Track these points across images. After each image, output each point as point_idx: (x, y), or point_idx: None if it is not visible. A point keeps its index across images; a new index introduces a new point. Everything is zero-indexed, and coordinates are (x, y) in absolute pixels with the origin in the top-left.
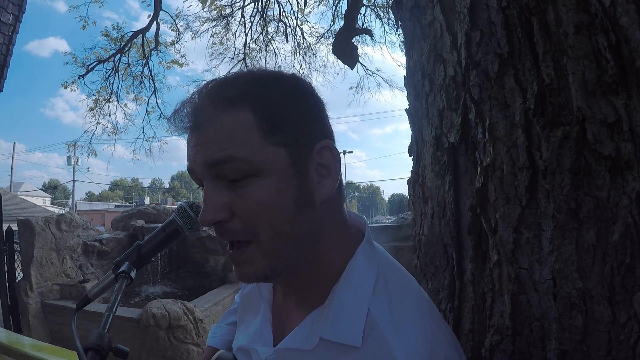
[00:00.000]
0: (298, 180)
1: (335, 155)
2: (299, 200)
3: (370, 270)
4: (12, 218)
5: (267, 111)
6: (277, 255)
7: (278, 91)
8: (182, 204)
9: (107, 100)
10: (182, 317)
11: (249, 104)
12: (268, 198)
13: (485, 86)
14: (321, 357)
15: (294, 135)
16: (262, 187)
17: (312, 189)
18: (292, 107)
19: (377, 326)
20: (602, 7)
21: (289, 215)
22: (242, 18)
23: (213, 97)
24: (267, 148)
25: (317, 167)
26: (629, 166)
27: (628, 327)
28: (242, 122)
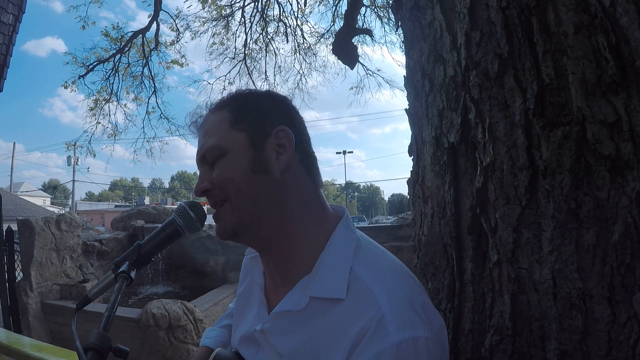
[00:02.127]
0: (253, 153)
1: (289, 136)
2: (255, 167)
3: (350, 238)
4: (12, 218)
5: (236, 109)
6: (241, 210)
7: (247, 98)
8: (182, 204)
9: (107, 100)
10: (182, 317)
11: (227, 107)
12: (230, 166)
13: (485, 86)
14: (312, 315)
15: (253, 123)
16: (228, 160)
17: (268, 161)
18: (255, 104)
19: (360, 279)
20: (602, 7)
21: (247, 177)
22: (242, 18)
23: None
24: (232, 133)
25: (276, 146)
26: (629, 166)
27: (628, 327)
28: (220, 118)
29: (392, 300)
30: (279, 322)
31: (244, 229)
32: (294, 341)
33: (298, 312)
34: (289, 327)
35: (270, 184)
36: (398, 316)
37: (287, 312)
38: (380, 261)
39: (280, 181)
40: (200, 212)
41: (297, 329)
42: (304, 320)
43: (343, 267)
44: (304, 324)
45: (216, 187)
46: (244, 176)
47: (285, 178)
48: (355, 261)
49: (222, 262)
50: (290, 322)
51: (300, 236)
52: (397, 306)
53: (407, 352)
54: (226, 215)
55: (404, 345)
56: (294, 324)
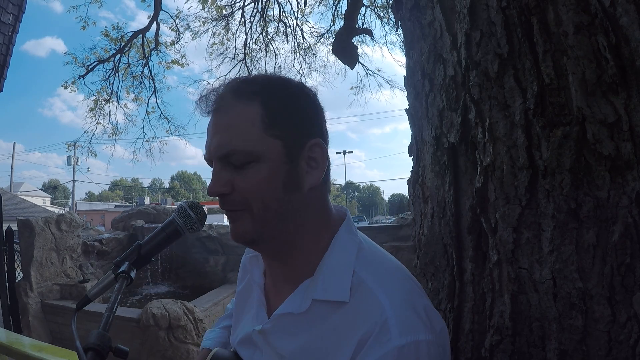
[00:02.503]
0: (289, 167)
1: (324, 152)
2: (287, 183)
3: (353, 241)
4: (12, 218)
5: (272, 108)
6: (264, 224)
7: (285, 93)
8: (182, 204)
9: (107, 100)
10: (182, 317)
11: (260, 99)
12: (262, 179)
13: (485, 86)
14: (314, 318)
15: (290, 130)
16: (259, 170)
17: (300, 177)
18: (292, 108)
19: (363, 282)
20: (602, 7)
21: (278, 194)
22: (242, 18)
23: (234, 89)
24: (266, 139)
25: (307, 159)
26: (629, 166)
27: (628, 327)
28: (250, 114)
29: (395, 304)
30: (280, 324)
31: (262, 240)
32: (296, 343)
33: (300, 314)
34: (291, 329)
35: (297, 200)
36: (401, 320)
37: (289, 315)
38: (382, 264)
39: (307, 197)
40: (200, 212)
41: (299, 331)
42: (306, 323)
43: (346, 270)
44: (306, 327)
45: (237, 193)
46: (275, 192)
47: (310, 192)
48: (358, 264)
49: (222, 262)
50: (292, 325)
51: (308, 243)
52: (399, 310)
53: (409, 356)
54: (245, 223)
55: (406, 349)
56: (296, 326)
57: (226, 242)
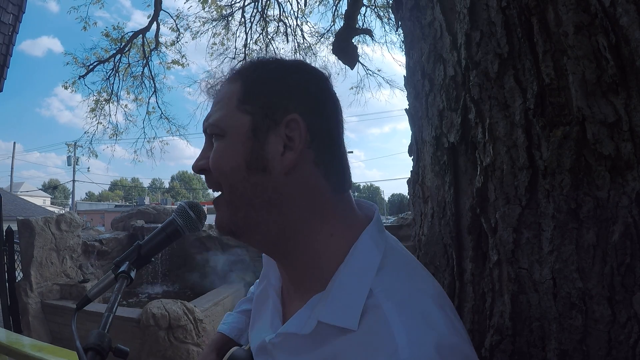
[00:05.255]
0: (253, 144)
1: (301, 129)
2: (251, 163)
3: (376, 252)
4: (12, 218)
5: (249, 84)
6: (235, 211)
7: (266, 69)
8: (182, 204)
9: (107, 100)
10: (182, 317)
11: (241, 79)
12: (222, 155)
13: (485, 86)
14: (319, 341)
15: (262, 105)
16: (221, 145)
17: (268, 157)
18: (270, 82)
19: (378, 307)
20: (602, 7)
21: (240, 174)
22: (242, 18)
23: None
24: (236, 114)
25: (285, 139)
26: (629, 166)
27: (628, 327)
28: (231, 91)
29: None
30: (286, 341)
31: (240, 230)
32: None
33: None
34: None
35: (269, 185)
36: None
37: (294, 335)
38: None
39: (282, 183)
40: (200, 212)
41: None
42: (310, 344)
43: (360, 289)
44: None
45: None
46: (237, 172)
47: (291, 180)
48: (378, 281)
49: (222, 262)
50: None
51: (312, 247)
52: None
53: None
54: (222, 208)
55: None
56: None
57: (226, 242)
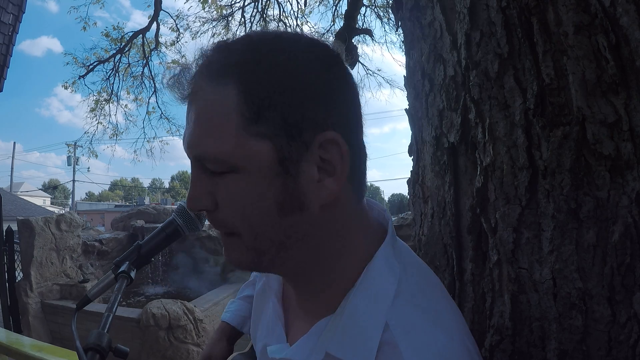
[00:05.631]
0: (284, 180)
1: (343, 152)
2: (285, 204)
3: (392, 278)
4: (12, 218)
5: (254, 90)
6: (260, 254)
7: (272, 63)
8: (182, 204)
9: (107, 100)
10: (182, 317)
11: (235, 78)
12: (245, 198)
13: (485, 86)
14: None
15: (285, 123)
16: (240, 184)
17: (306, 191)
18: (287, 85)
19: (394, 345)
20: (602, 7)
21: (270, 219)
22: (242, 18)
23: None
24: (247, 142)
25: (319, 162)
26: (629, 166)
27: (628, 327)
28: (224, 103)
29: None
30: None
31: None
32: None
33: None
34: None
35: (305, 221)
36: None
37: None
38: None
39: (320, 215)
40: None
41: None
42: None
43: (375, 321)
44: None
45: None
46: (266, 216)
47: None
48: (394, 313)
49: (222, 262)
50: None
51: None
52: None
53: None
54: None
55: None
56: None
57: None
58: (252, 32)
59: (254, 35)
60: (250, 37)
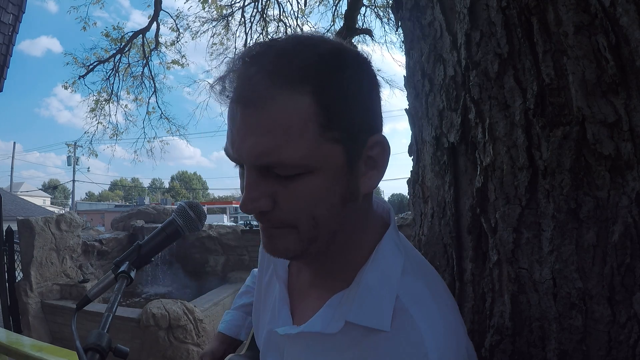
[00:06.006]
0: (349, 176)
1: (386, 152)
2: (346, 196)
3: (398, 256)
4: (12, 218)
5: (329, 101)
6: (312, 242)
7: (342, 76)
8: (182, 204)
9: (107, 100)
10: (182, 317)
11: (311, 89)
12: (317, 194)
13: (485, 86)
14: (345, 341)
15: (351, 129)
16: (313, 183)
17: (359, 184)
18: (353, 97)
19: (406, 311)
20: (602, 7)
21: (335, 210)
22: (242, 18)
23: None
24: (323, 146)
25: (366, 159)
26: (629, 166)
27: (628, 327)
28: (302, 112)
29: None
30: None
31: (307, 256)
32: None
33: (330, 335)
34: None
35: (353, 212)
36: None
37: (318, 334)
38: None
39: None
40: (200, 212)
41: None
42: (335, 345)
43: (388, 292)
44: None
45: (281, 211)
46: (332, 209)
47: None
48: (403, 288)
49: (222, 262)
50: (320, 344)
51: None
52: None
53: None
54: (288, 241)
55: None
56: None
57: (226, 242)
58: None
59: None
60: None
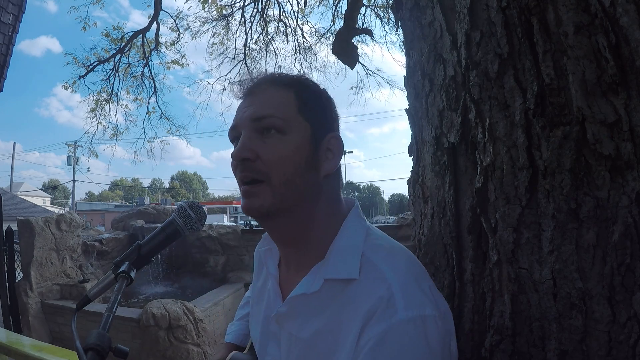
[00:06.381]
0: (312, 148)
1: (340, 145)
2: (309, 163)
3: (362, 225)
4: (12, 218)
5: (304, 98)
6: (282, 198)
7: (313, 89)
8: (182, 204)
9: (107, 100)
10: (182, 317)
11: (294, 90)
12: (288, 151)
13: (485, 86)
14: (326, 296)
15: (317, 119)
16: (287, 142)
17: (320, 161)
18: (318, 102)
19: (371, 261)
20: (602, 7)
21: (300, 170)
22: (242, 18)
23: (269, 80)
24: (299, 118)
25: (325, 150)
26: (629, 166)
27: (628, 327)
28: (286, 97)
29: (401, 281)
30: (295, 306)
31: (279, 212)
32: (313, 325)
33: (313, 294)
34: (305, 311)
35: (314, 182)
36: (407, 295)
37: (303, 296)
38: (389, 247)
39: (323, 182)
40: (200, 212)
41: (314, 313)
42: (318, 304)
43: (355, 250)
44: (321, 307)
45: (260, 162)
46: (298, 168)
47: (327, 180)
48: (367, 246)
49: (222, 262)
50: (306, 306)
51: (319, 229)
52: (406, 286)
53: (416, 330)
54: (264, 194)
55: (412, 323)
56: (310, 307)
57: (226, 242)
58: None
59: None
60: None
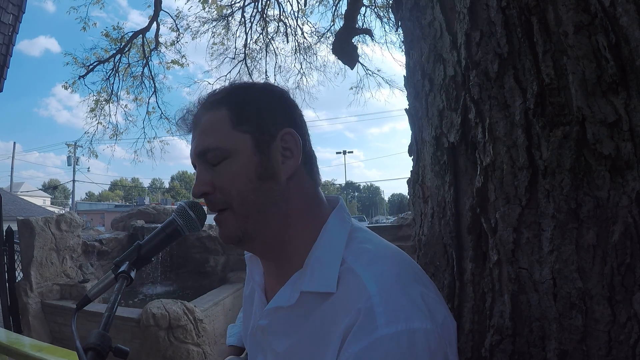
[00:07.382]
0: (260, 158)
1: (297, 140)
2: (261, 174)
3: (343, 228)
4: (12, 218)
5: (237, 108)
6: (245, 219)
7: (246, 93)
8: (182, 204)
9: (107, 100)
10: (182, 317)
11: (224, 104)
12: (235, 172)
13: (485, 86)
14: (305, 311)
15: (258, 124)
16: (232, 164)
17: (275, 167)
18: (258, 105)
19: (351, 269)
20: (602, 7)
21: (252, 185)
22: (242, 18)
23: (203, 104)
24: (235, 135)
25: (282, 150)
26: (629, 166)
27: (628, 327)
28: (219, 118)
29: (384, 289)
30: (274, 320)
31: (248, 237)
32: (290, 339)
33: (289, 307)
34: (284, 324)
35: (276, 190)
36: (389, 307)
37: (279, 309)
38: (374, 249)
39: (285, 186)
40: (200, 212)
41: (291, 327)
42: (296, 317)
43: (334, 258)
44: (297, 321)
45: (218, 192)
46: (250, 184)
47: (290, 183)
48: (348, 251)
49: (222, 262)
50: (284, 319)
51: (296, 237)
52: (388, 295)
53: (398, 348)
54: (229, 221)
55: (397, 339)
56: (288, 321)
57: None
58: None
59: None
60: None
